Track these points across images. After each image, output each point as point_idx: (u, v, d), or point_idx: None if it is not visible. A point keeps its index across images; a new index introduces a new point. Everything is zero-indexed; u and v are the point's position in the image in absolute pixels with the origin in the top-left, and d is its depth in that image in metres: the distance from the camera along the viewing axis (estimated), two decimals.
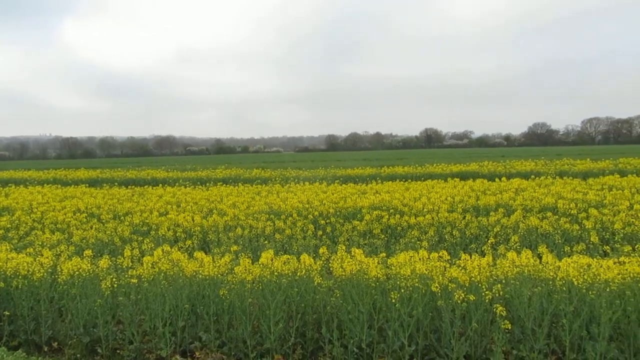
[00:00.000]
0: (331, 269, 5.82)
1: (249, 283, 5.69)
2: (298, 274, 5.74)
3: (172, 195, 15.99)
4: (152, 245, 9.09)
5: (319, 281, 5.64)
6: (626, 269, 5.09)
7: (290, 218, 10.99)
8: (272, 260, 5.89)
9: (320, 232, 10.01)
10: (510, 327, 4.95)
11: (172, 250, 6.55)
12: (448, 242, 9.24)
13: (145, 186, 21.29)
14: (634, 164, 25.98)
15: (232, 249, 7.62)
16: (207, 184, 21.19)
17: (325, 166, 32.64)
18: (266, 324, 5.56)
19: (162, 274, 5.93)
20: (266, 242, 9.65)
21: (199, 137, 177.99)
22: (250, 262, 6.03)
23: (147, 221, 11.20)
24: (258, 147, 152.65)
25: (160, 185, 20.93)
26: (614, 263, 5.26)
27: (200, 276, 5.93)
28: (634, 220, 9.15)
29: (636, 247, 7.22)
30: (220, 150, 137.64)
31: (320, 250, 6.31)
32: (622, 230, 8.80)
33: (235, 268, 5.88)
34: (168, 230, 10.26)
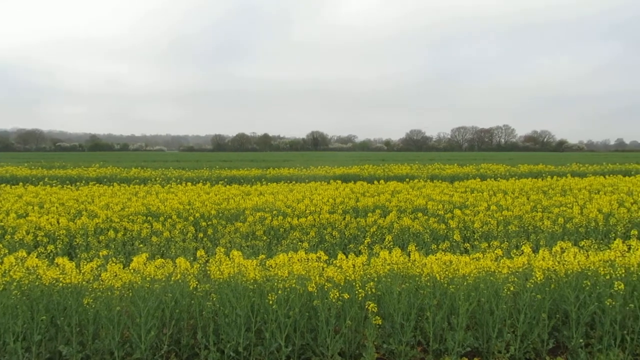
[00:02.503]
0: (208, 272, 5.65)
1: (118, 290, 5.31)
2: (173, 278, 5.49)
3: (35, 195, 14.43)
4: (7, 251, 8.09)
5: (195, 285, 5.45)
6: (481, 264, 5.64)
7: (169, 220, 10.52)
8: (145, 264, 5.56)
9: (201, 235, 9.71)
10: (381, 323, 5.21)
11: (30, 256, 5.89)
12: (328, 242, 9.51)
13: (2, 184, 18.94)
14: (493, 169, 29.06)
15: (101, 253, 7.06)
16: (78, 183, 19.47)
17: (210, 166, 31.85)
18: (136, 332, 5.23)
19: (15, 283, 5.29)
20: (142, 245, 9.12)
21: (71, 132, 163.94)
22: (122, 267, 5.64)
23: (2, 224, 9.97)
24: (139, 145, 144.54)
25: (21, 183, 18.79)
26: (471, 259, 5.80)
27: (61, 284, 5.40)
28: (490, 219, 10.19)
29: (491, 243, 8.03)
30: (96, 147, 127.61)
31: (198, 253, 6.10)
32: (480, 229, 9.77)
33: (102, 274, 5.45)
34: (27, 234, 9.24)
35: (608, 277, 5.49)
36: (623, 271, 5.51)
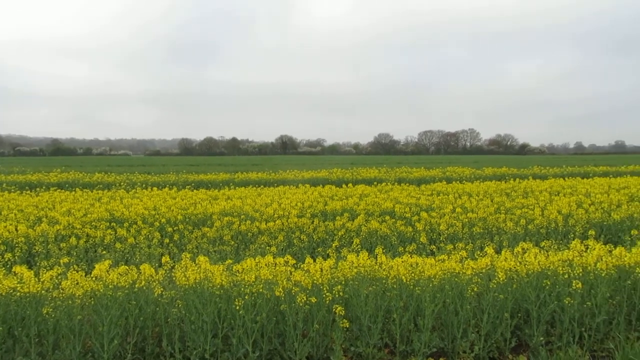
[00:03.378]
0: (174, 278, 5.56)
1: (79, 298, 5.15)
2: (137, 285, 5.37)
3: None
4: None
5: (160, 292, 5.35)
6: (446, 266, 5.74)
7: (134, 226, 10.29)
8: (107, 271, 5.43)
9: (167, 240, 9.53)
10: (348, 326, 5.24)
11: None
12: (297, 246, 9.49)
13: None
14: (458, 172, 29.64)
15: (62, 261, 6.86)
16: (38, 189, 18.85)
17: (177, 171, 31.38)
18: (99, 341, 5.09)
19: None
20: (105, 252, 8.89)
21: (31, 136, 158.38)
22: (84, 274, 5.49)
23: None
24: (103, 150, 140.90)
25: None
26: (437, 261, 5.90)
27: (19, 294, 5.21)
28: (455, 221, 10.39)
29: (456, 245, 8.20)
30: (58, 151, 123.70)
31: (164, 259, 6.00)
32: (446, 231, 9.94)
33: (62, 282, 5.28)
34: None
35: (567, 276, 5.68)
36: (580, 270, 5.71)
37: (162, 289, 5.46)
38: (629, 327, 5.88)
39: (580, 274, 5.67)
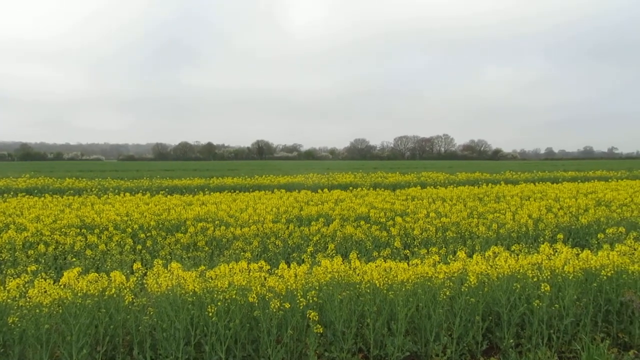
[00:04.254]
0: (145, 285, 5.48)
1: (47, 307, 5.02)
2: (107, 293, 5.27)
3: None
4: None
5: (131, 299, 5.26)
6: (419, 270, 5.80)
7: (105, 232, 10.09)
8: (76, 279, 5.31)
9: (139, 247, 9.38)
10: (322, 331, 5.24)
11: None
12: (271, 252, 9.45)
13: None
14: (433, 177, 30.05)
15: (29, 268, 6.68)
16: (5, 195, 18.31)
17: (151, 176, 30.89)
18: (67, 351, 4.97)
19: None
20: (75, 259, 8.69)
21: None
22: (52, 282, 5.35)
23: None
24: (74, 154, 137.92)
25: None
26: (410, 265, 5.96)
27: None
28: (429, 226, 10.52)
29: (430, 249, 8.30)
30: (27, 156, 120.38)
31: (135, 266, 5.90)
32: (420, 236, 10.05)
33: (29, 291, 5.14)
34: None
35: (536, 279, 5.82)
36: (549, 273, 5.86)
37: (133, 296, 5.37)
38: (595, 328, 6.04)
39: (549, 277, 5.82)
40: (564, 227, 11.15)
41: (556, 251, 6.65)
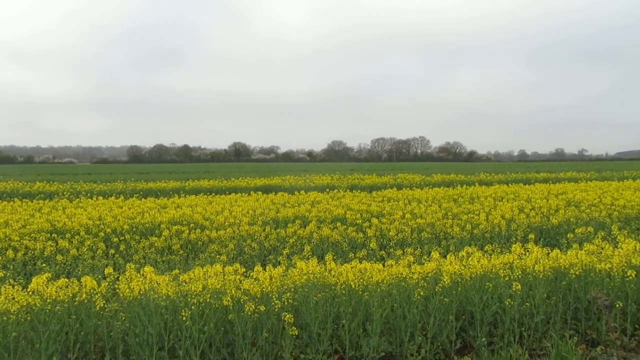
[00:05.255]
0: (118, 290, 5.38)
1: (14, 314, 4.89)
2: (78, 298, 5.16)
3: None
4: None
5: (103, 305, 5.16)
6: (393, 271, 5.85)
7: (77, 237, 9.88)
8: (46, 285, 5.19)
9: (112, 251, 9.22)
10: (298, 333, 5.24)
11: None
12: (247, 254, 9.40)
13: None
14: (409, 179, 30.33)
15: None
16: None
17: (125, 179, 30.40)
18: (36, 359, 4.85)
19: None
20: (45, 265, 8.49)
21: None
22: (21, 289, 5.21)
23: None
24: (46, 157, 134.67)
25: None
26: (385, 266, 6.00)
27: None
28: (405, 227, 10.62)
29: (405, 250, 8.37)
30: None
31: (107, 271, 5.79)
32: (395, 237, 10.14)
33: None
34: None
35: (507, 278, 5.93)
36: (520, 272, 5.98)
37: (105, 301, 5.28)
38: (564, 326, 6.19)
39: (520, 276, 5.93)
40: (535, 227, 11.38)
41: (527, 251, 6.79)
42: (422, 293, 5.60)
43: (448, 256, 6.38)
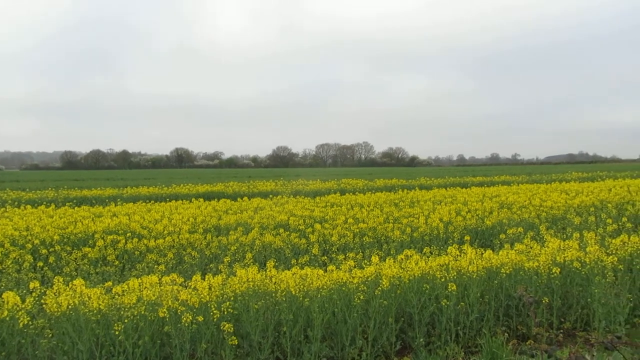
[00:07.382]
0: (44, 305, 5.07)
1: None
2: None
3: None
4: None
5: (27, 322, 4.84)
6: (334, 276, 5.89)
7: (1, 249, 9.24)
8: None
9: (41, 263, 8.69)
10: (238, 342, 5.15)
11: None
12: (187, 263, 9.16)
13: None
14: (352, 184, 30.75)
15: None
16: None
17: (57, 186, 28.86)
18: None
19: None
20: None
21: None
22: None
23: None
24: None
25: None
26: (326, 271, 6.03)
27: None
28: (347, 232, 10.72)
29: (347, 255, 8.44)
30: None
31: (32, 285, 5.45)
32: (337, 242, 10.22)
33: None
34: None
35: (444, 279, 6.12)
36: (455, 273, 6.19)
37: (29, 318, 4.96)
38: (497, 323, 6.46)
39: (456, 277, 6.14)
40: (471, 229, 11.83)
41: (463, 252, 7.04)
42: (362, 297, 5.66)
43: (387, 259, 6.50)
